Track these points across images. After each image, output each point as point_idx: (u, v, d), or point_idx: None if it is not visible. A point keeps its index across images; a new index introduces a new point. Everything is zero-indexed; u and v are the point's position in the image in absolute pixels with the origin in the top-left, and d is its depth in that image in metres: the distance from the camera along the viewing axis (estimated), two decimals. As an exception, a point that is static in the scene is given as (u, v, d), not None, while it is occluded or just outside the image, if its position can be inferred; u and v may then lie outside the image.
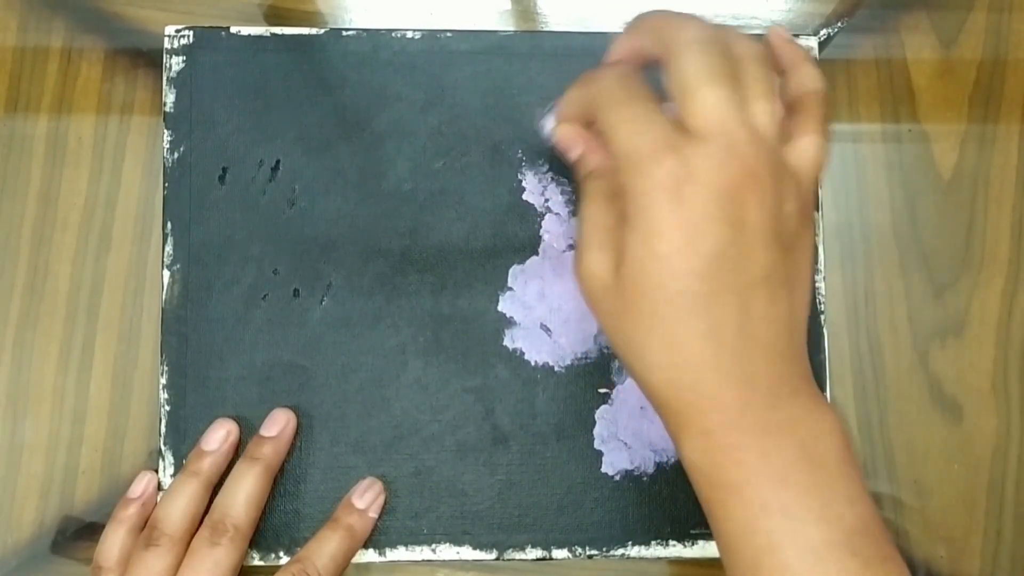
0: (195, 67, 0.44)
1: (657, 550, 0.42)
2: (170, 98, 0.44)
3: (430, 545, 0.42)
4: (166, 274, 0.43)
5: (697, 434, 0.33)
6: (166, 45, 0.44)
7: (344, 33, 0.44)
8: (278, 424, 0.42)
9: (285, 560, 0.41)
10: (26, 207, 0.44)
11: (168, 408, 0.42)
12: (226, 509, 0.39)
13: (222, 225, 0.43)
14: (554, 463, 0.43)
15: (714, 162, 0.32)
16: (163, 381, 0.42)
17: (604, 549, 0.42)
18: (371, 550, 0.42)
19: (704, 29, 0.33)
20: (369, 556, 0.42)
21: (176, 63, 0.44)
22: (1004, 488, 0.45)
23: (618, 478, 0.43)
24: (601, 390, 0.43)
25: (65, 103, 0.45)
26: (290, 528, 0.42)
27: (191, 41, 0.44)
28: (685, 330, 0.33)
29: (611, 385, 0.43)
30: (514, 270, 0.43)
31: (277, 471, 0.42)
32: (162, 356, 0.42)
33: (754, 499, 0.32)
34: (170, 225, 0.43)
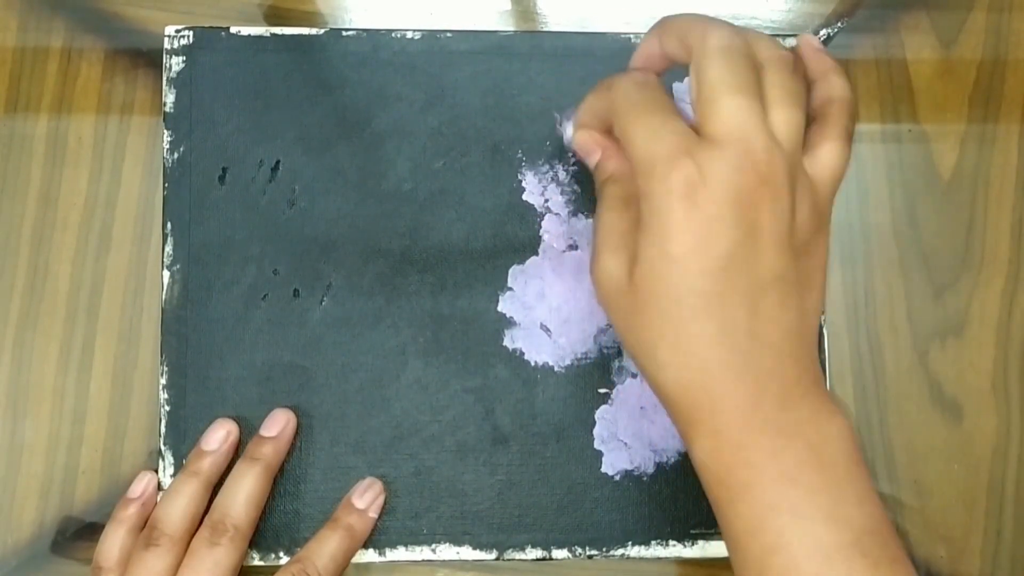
0: (195, 67, 0.44)
1: (657, 550, 0.42)
2: (170, 98, 0.44)
3: (430, 545, 0.42)
4: (166, 274, 0.43)
5: (707, 434, 0.33)
6: (166, 45, 0.44)
7: (344, 33, 0.44)
8: (278, 424, 0.42)
9: (285, 560, 0.41)
10: (26, 207, 0.44)
11: (168, 408, 0.42)
12: (226, 509, 0.39)
13: (222, 225, 0.43)
14: (554, 463, 0.43)
15: (729, 168, 0.32)
16: (163, 381, 0.42)
17: (604, 549, 0.42)
18: (371, 550, 0.42)
19: (730, 35, 0.34)
20: (369, 556, 0.42)
21: (176, 63, 0.44)
22: (1004, 488, 0.45)
23: (618, 478, 0.43)
24: (601, 390, 0.43)
25: (65, 103, 0.45)
26: (290, 528, 0.42)
27: (191, 41, 0.44)
28: (696, 331, 0.33)
29: (611, 385, 0.43)
30: (514, 270, 0.43)
31: (277, 471, 0.42)
32: (162, 356, 0.42)
33: (762, 499, 0.32)
34: (170, 225, 0.43)
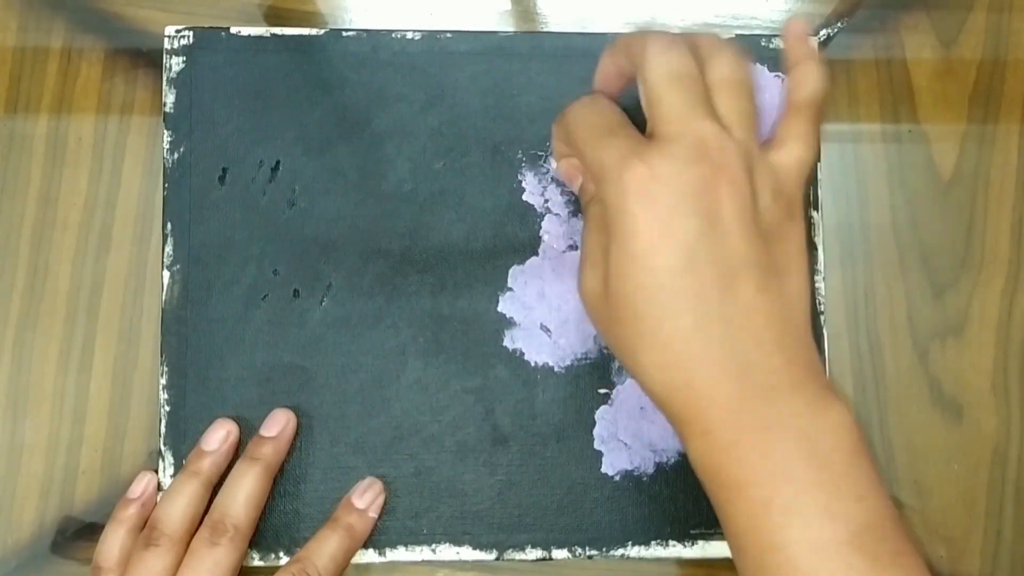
0: (195, 67, 0.44)
1: (657, 550, 0.42)
2: (170, 98, 0.44)
3: (430, 545, 0.42)
4: (166, 274, 0.43)
5: (698, 433, 0.33)
6: (166, 45, 0.44)
7: (344, 33, 0.44)
8: (278, 424, 0.42)
9: (285, 560, 0.41)
10: (26, 207, 0.44)
11: (168, 408, 0.42)
12: (226, 509, 0.39)
13: (222, 225, 0.43)
14: (554, 463, 0.43)
15: (680, 160, 0.32)
16: (163, 381, 0.42)
17: (604, 549, 0.42)
18: (371, 550, 0.42)
19: (667, 40, 0.35)
20: (369, 556, 0.42)
21: (176, 63, 0.44)
22: (1004, 488, 0.45)
23: (618, 478, 0.43)
24: (601, 390, 0.43)
25: (65, 103, 0.45)
26: (290, 528, 0.42)
27: (191, 41, 0.44)
28: (671, 328, 0.33)
29: (611, 385, 0.43)
30: (514, 270, 0.43)
31: (277, 471, 0.42)
32: (162, 356, 0.42)
33: (757, 497, 0.32)
34: (170, 225, 0.43)
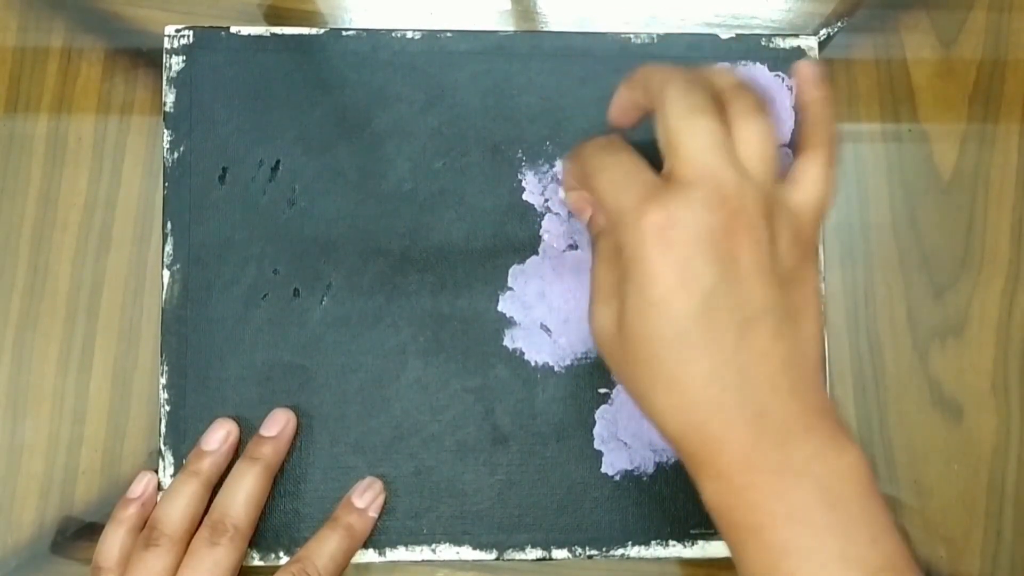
0: (195, 67, 0.44)
1: (657, 550, 0.42)
2: (170, 98, 0.44)
3: (430, 545, 0.42)
4: (166, 274, 0.43)
5: (712, 476, 0.33)
6: (166, 45, 0.44)
7: (344, 33, 0.44)
8: (278, 424, 0.42)
9: (285, 560, 0.41)
10: (26, 207, 0.44)
11: (168, 408, 0.42)
12: (226, 509, 0.39)
13: (222, 225, 0.43)
14: (554, 463, 0.43)
15: (698, 206, 0.32)
16: (163, 381, 0.42)
17: (604, 549, 0.42)
18: (371, 550, 0.42)
19: (689, 80, 0.34)
20: (369, 556, 0.42)
21: (176, 63, 0.44)
22: (1004, 488, 0.45)
23: (618, 478, 0.43)
24: (601, 390, 0.43)
25: (65, 103, 0.45)
26: (290, 528, 0.42)
27: (191, 41, 0.44)
28: (686, 373, 0.32)
29: (611, 385, 0.43)
30: (514, 270, 0.43)
31: (277, 471, 0.42)
32: (162, 356, 0.42)
33: (772, 541, 0.32)
34: (170, 225, 0.43)
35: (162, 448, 0.42)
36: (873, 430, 0.45)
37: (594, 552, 0.42)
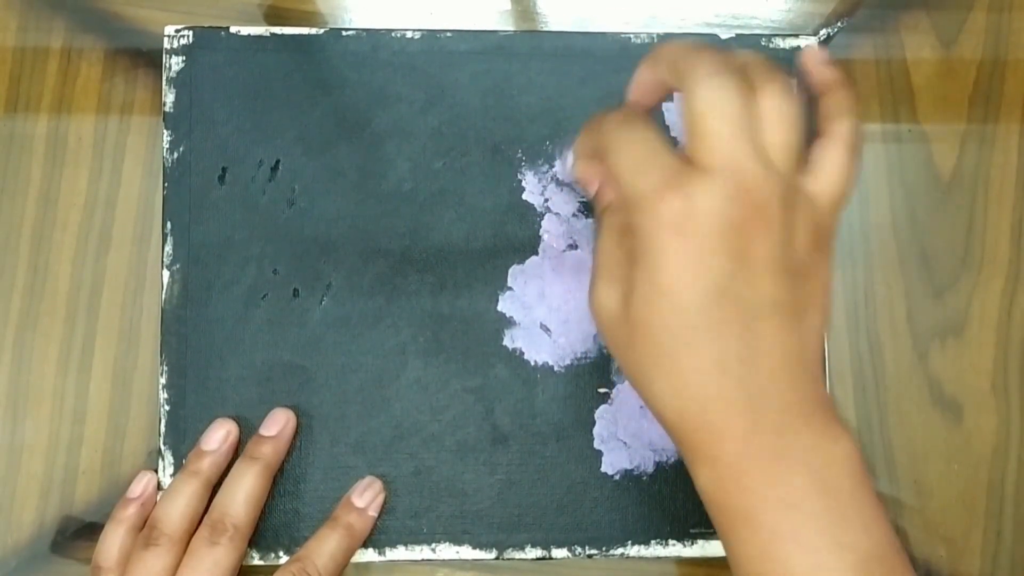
0: (195, 67, 0.44)
1: (657, 549, 0.42)
2: (170, 98, 0.44)
3: (430, 544, 0.42)
4: (166, 274, 0.43)
5: (707, 462, 0.33)
6: (166, 45, 0.44)
7: (344, 33, 0.44)
8: (278, 424, 0.42)
9: (285, 559, 0.41)
10: (26, 207, 0.44)
11: (168, 408, 0.42)
12: (225, 508, 0.39)
13: (222, 225, 0.43)
14: (554, 463, 0.43)
15: (719, 198, 0.31)
16: (163, 381, 0.42)
17: (604, 549, 0.42)
18: (371, 549, 0.42)
19: (720, 60, 0.33)
20: (369, 555, 0.42)
21: (176, 63, 0.44)
22: (1004, 488, 0.45)
23: (618, 478, 0.43)
24: (601, 390, 0.43)
25: (65, 103, 0.45)
26: (290, 527, 0.42)
27: (191, 41, 0.44)
28: (690, 362, 0.32)
29: (611, 385, 0.43)
30: (514, 270, 0.43)
31: (277, 471, 0.42)
32: (162, 356, 0.42)
33: (765, 526, 0.32)
34: (170, 225, 0.43)
35: (162, 448, 0.42)
36: (873, 430, 0.45)
37: (594, 551, 0.42)
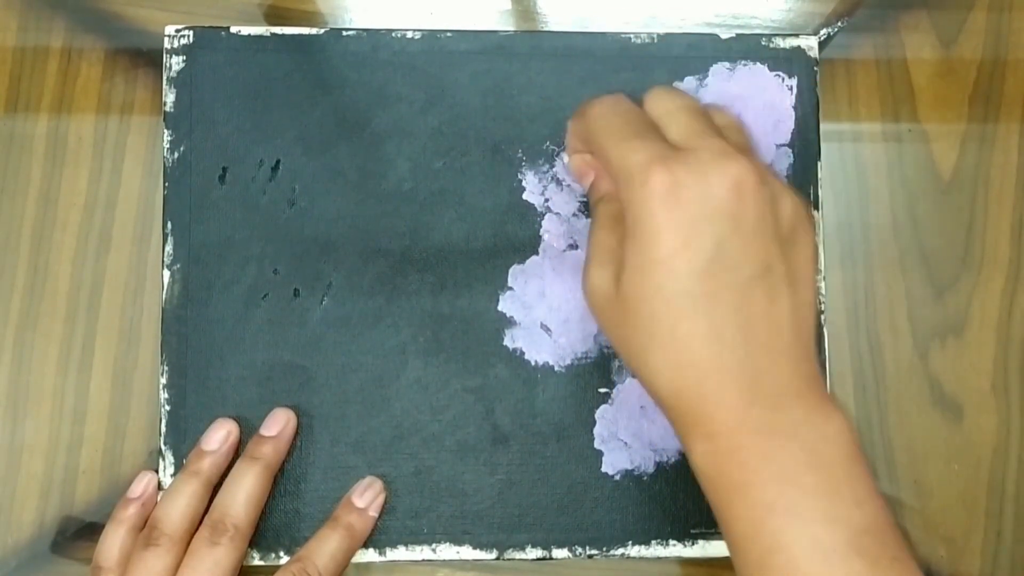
0: (195, 67, 0.44)
1: (657, 550, 0.42)
2: (170, 98, 0.44)
3: (430, 545, 0.42)
4: (166, 274, 0.43)
5: (702, 437, 0.33)
6: (166, 45, 0.44)
7: (344, 33, 0.44)
8: (278, 424, 0.42)
9: (285, 560, 0.41)
10: (26, 207, 0.44)
11: (168, 408, 0.42)
12: (226, 509, 0.39)
13: (222, 225, 0.43)
14: (554, 463, 0.43)
15: (706, 167, 0.33)
16: (163, 381, 0.42)
17: (604, 549, 0.42)
18: (371, 550, 0.42)
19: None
20: (369, 556, 0.42)
21: (176, 63, 0.44)
22: (1004, 488, 0.45)
23: (618, 478, 0.43)
24: (601, 390, 0.43)
25: (65, 103, 0.45)
26: (290, 528, 0.42)
27: (191, 41, 0.44)
28: (686, 332, 0.33)
29: (611, 384, 0.43)
30: (514, 270, 0.43)
31: (277, 471, 0.42)
32: (162, 356, 0.42)
33: (759, 500, 0.32)
34: (170, 225, 0.43)
35: (162, 448, 0.42)
36: (873, 430, 0.45)
37: (594, 552, 0.42)
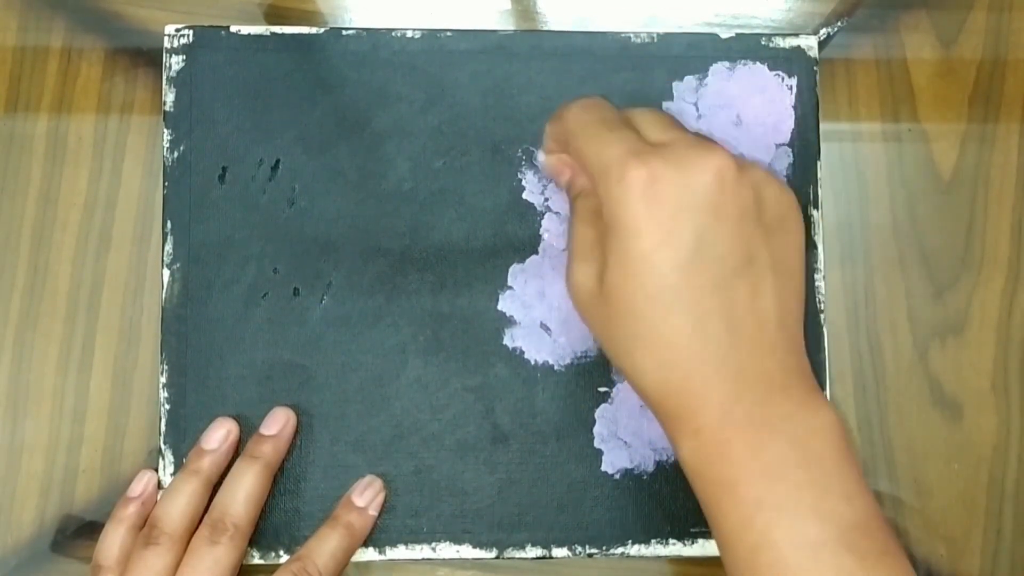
0: (195, 66, 0.44)
1: (657, 549, 0.42)
2: (170, 97, 0.44)
3: (430, 544, 0.42)
4: (166, 273, 0.43)
5: (690, 433, 0.33)
6: (166, 44, 0.44)
7: (344, 32, 0.44)
8: (278, 423, 0.42)
9: (285, 559, 0.41)
10: (26, 207, 0.44)
11: (168, 407, 0.42)
12: (226, 508, 0.39)
13: (222, 224, 0.43)
14: (554, 462, 0.43)
15: (683, 160, 0.33)
16: (163, 380, 0.42)
17: (604, 548, 0.42)
18: (371, 549, 0.42)
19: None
20: (369, 555, 0.42)
21: (176, 62, 0.44)
22: (1004, 488, 0.45)
23: (618, 477, 0.43)
24: (601, 389, 0.43)
25: (65, 103, 0.45)
26: (290, 527, 0.42)
27: (191, 40, 0.44)
28: (670, 327, 0.33)
29: (611, 384, 0.43)
30: (514, 269, 0.43)
31: (277, 470, 0.42)
32: (162, 355, 0.42)
33: (747, 495, 0.32)
34: (170, 224, 0.43)
35: (162, 447, 0.42)
36: (873, 430, 0.45)
37: (594, 551, 0.42)
